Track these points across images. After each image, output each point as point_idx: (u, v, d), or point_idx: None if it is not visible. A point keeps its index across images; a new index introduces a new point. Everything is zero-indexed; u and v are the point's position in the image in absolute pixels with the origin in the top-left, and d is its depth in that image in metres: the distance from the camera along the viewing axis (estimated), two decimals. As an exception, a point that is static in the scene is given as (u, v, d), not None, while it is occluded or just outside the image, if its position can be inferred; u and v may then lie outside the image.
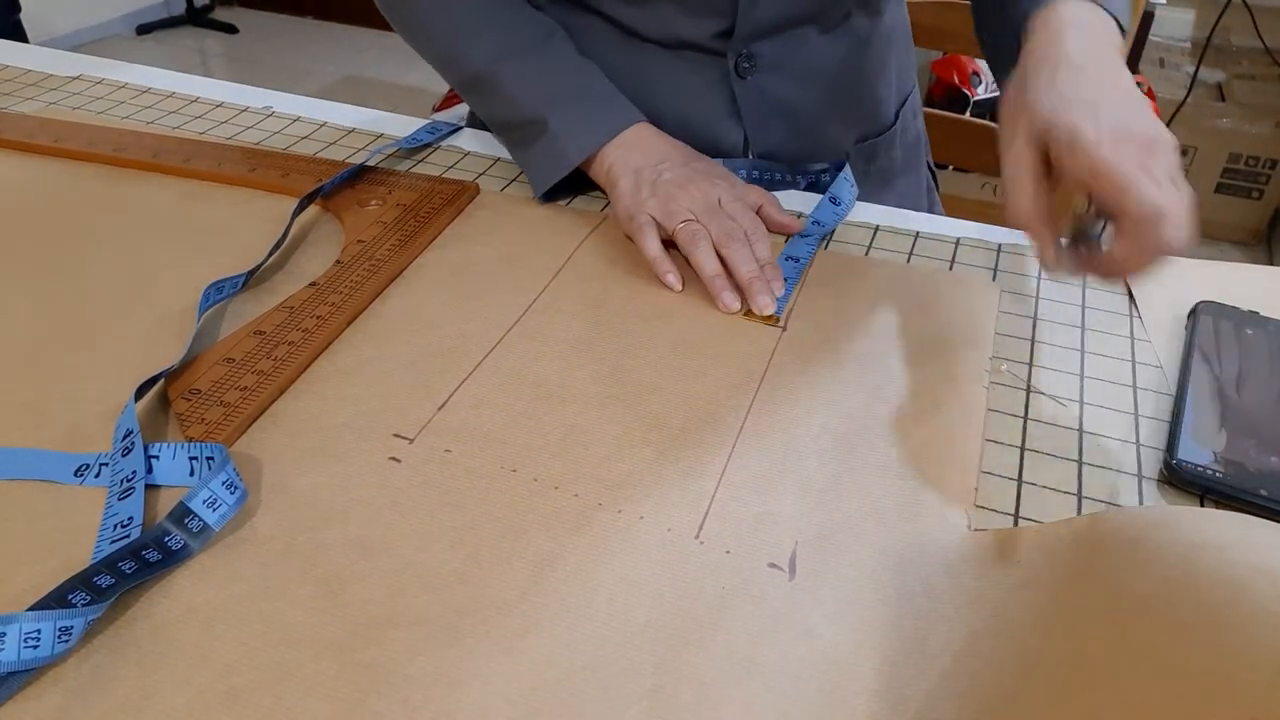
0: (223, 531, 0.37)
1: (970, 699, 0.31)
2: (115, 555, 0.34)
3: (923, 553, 0.37)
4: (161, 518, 0.36)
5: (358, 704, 0.31)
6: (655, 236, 0.54)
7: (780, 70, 0.63)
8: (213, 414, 0.42)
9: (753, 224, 0.55)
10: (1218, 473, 0.40)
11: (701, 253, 0.52)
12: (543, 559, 0.37)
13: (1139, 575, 0.29)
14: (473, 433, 0.42)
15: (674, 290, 0.52)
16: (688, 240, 0.53)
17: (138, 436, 0.40)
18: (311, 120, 0.71)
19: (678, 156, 0.58)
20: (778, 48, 0.62)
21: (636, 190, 0.56)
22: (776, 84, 0.63)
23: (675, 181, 0.55)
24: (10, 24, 2.25)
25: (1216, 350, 0.47)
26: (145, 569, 0.35)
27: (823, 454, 0.42)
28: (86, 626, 0.33)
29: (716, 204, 0.55)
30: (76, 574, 0.33)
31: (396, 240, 0.55)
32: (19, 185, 0.61)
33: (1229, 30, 1.98)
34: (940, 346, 0.48)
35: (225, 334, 0.48)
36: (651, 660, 0.33)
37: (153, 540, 0.35)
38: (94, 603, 0.33)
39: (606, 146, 0.59)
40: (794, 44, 0.62)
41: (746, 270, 0.51)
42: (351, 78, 2.90)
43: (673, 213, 0.54)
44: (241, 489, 0.38)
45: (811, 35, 0.63)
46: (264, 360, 0.46)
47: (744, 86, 0.63)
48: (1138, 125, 0.42)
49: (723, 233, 0.53)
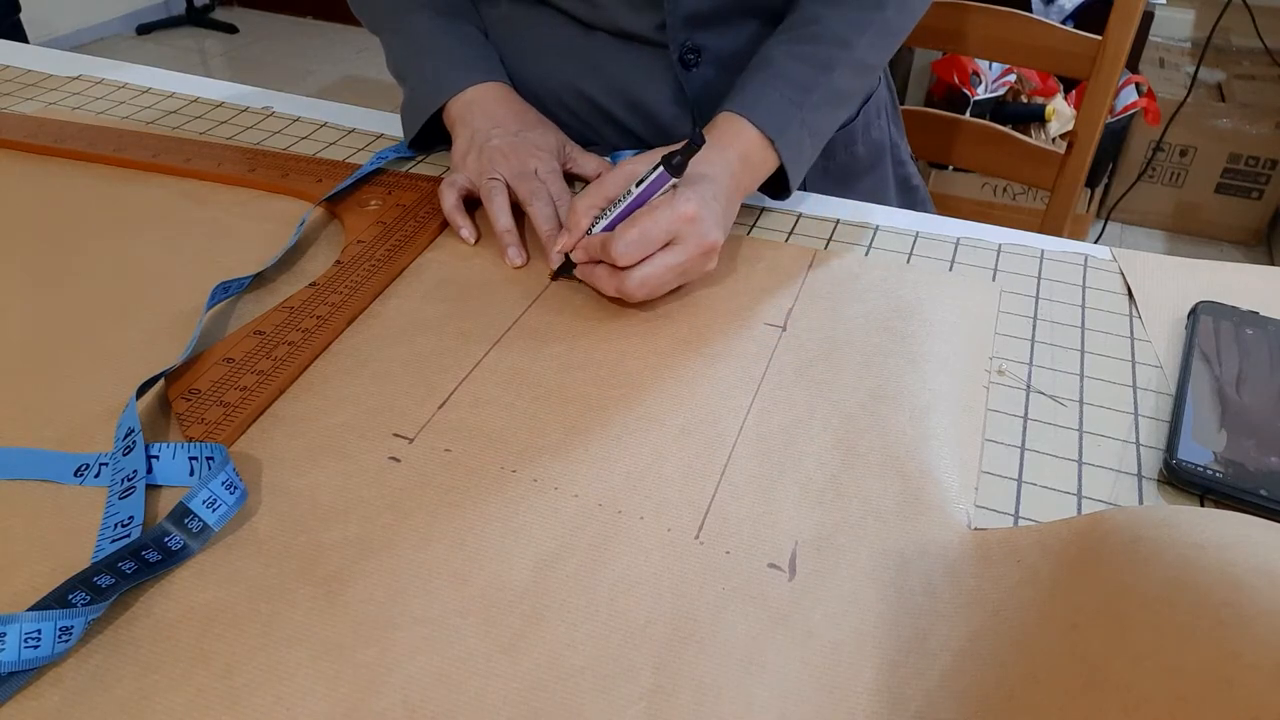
0: (223, 531, 0.37)
1: (970, 699, 0.31)
2: (115, 555, 0.34)
3: (923, 552, 0.37)
4: (161, 518, 0.36)
5: (358, 704, 0.31)
6: (456, 195, 0.58)
7: (724, 63, 0.64)
8: (212, 414, 0.42)
9: (560, 191, 0.57)
10: (1218, 473, 0.40)
11: (496, 207, 0.56)
12: (543, 559, 0.37)
13: (1139, 575, 0.29)
14: (473, 432, 0.42)
15: (467, 243, 0.56)
16: (485, 195, 0.57)
17: (139, 435, 0.40)
18: (311, 120, 0.71)
19: (512, 124, 0.61)
20: (722, 40, 0.63)
21: (466, 150, 0.60)
22: (722, 76, 0.64)
23: (500, 149, 0.58)
24: (10, 24, 2.24)
25: (1216, 350, 0.47)
26: (145, 569, 0.35)
27: (823, 454, 0.42)
28: (86, 626, 0.33)
29: (532, 172, 0.57)
30: (77, 574, 0.33)
31: (397, 240, 0.55)
32: (19, 185, 0.61)
33: (1229, 30, 1.98)
34: (940, 346, 0.48)
35: (225, 334, 0.48)
36: (651, 660, 0.33)
37: (152, 540, 0.35)
38: (94, 603, 0.33)
39: (453, 102, 0.62)
40: (737, 36, 0.64)
41: (546, 228, 0.54)
42: (351, 78, 2.90)
43: (483, 172, 0.58)
44: (241, 489, 0.38)
45: (754, 27, 0.64)
46: (264, 360, 0.46)
47: (690, 78, 0.64)
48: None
49: (527, 191, 0.56)
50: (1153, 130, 1.89)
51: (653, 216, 0.48)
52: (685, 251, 0.48)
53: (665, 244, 0.48)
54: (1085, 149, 0.88)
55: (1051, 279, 0.54)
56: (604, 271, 0.49)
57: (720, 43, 0.63)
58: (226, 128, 0.70)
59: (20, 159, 0.64)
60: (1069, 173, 0.90)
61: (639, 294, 0.48)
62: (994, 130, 0.95)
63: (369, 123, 0.71)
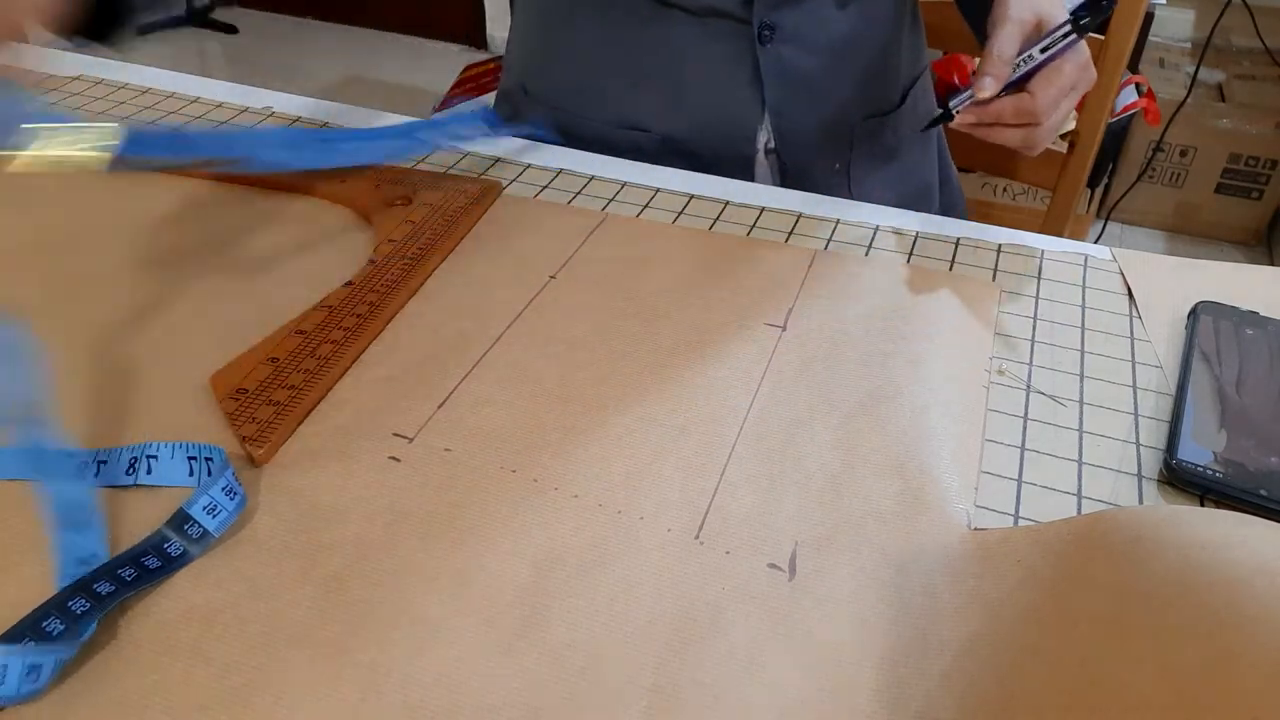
0: (223, 531, 0.37)
1: (970, 699, 0.31)
2: (115, 562, 0.34)
3: (923, 552, 0.37)
4: (161, 524, 0.36)
5: (358, 704, 0.31)
6: None
7: (798, 40, 0.66)
8: (263, 413, 0.42)
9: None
10: (1218, 473, 0.40)
11: None
12: (543, 559, 0.37)
13: (1139, 575, 0.29)
14: (473, 432, 0.42)
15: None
16: None
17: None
18: (311, 120, 0.71)
19: None
20: (796, 17, 0.65)
21: None
22: (794, 54, 0.66)
23: None
24: (10, 24, 2.24)
25: (1216, 350, 0.47)
26: (145, 575, 0.35)
27: (823, 454, 0.42)
28: (57, 665, 0.32)
29: None
30: (75, 581, 0.33)
31: (428, 238, 0.56)
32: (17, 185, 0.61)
33: (1229, 30, 1.98)
34: (940, 346, 0.48)
35: (266, 334, 0.48)
36: (651, 660, 0.33)
37: (152, 547, 0.35)
38: (94, 610, 0.33)
39: None
40: (810, 15, 0.66)
41: None
42: (351, 78, 2.89)
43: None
44: (241, 494, 0.38)
45: (828, 7, 0.66)
46: (308, 359, 0.46)
47: (766, 54, 0.66)
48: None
49: None
50: (1153, 130, 1.89)
51: (1063, 72, 0.51)
52: (1080, 92, 0.53)
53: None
54: (1087, 149, 0.88)
55: (1051, 279, 0.54)
56: (1004, 129, 0.53)
57: (795, 20, 0.65)
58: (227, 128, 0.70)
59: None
60: (1071, 172, 0.90)
61: (1047, 144, 0.53)
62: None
63: (369, 123, 0.71)
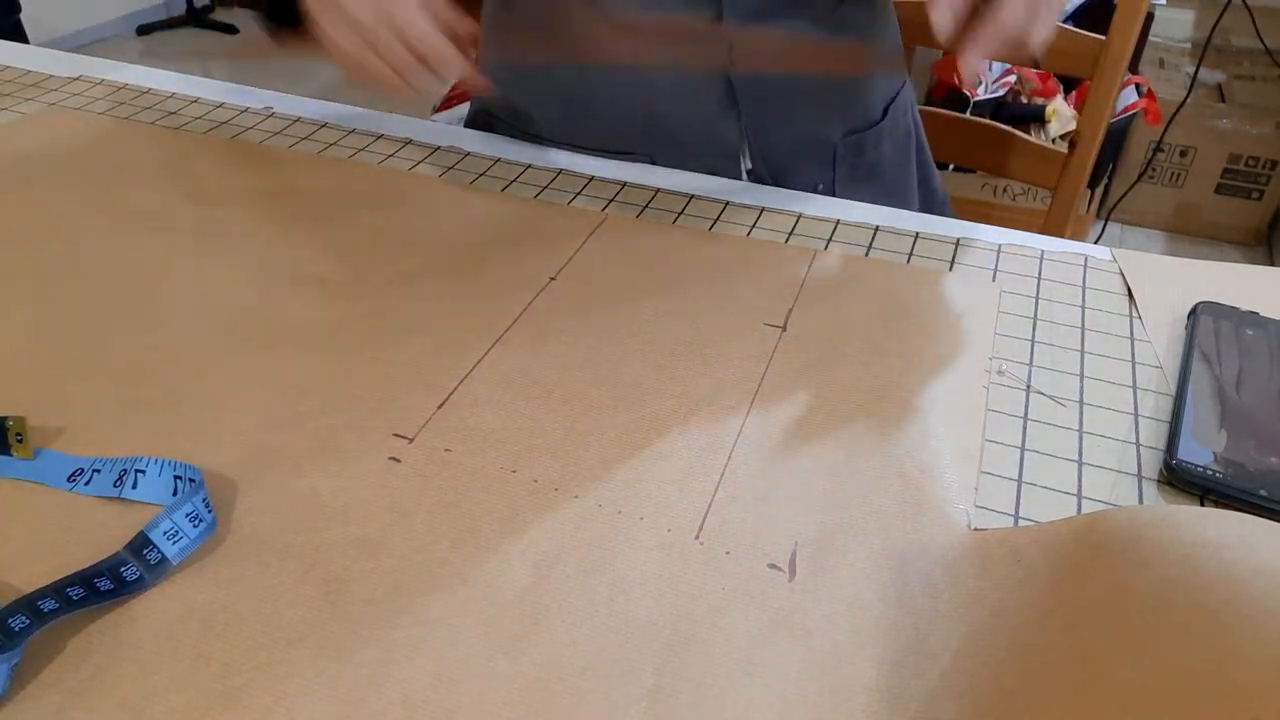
0: (224, 531, 0.37)
1: (970, 699, 0.31)
2: (65, 580, 0.33)
3: (923, 553, 0.37)
4: (120, 547, 0.35)
5: (358, 704, 0.31)
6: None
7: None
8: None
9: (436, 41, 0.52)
10: (1218, 473, 0.40)
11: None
12: (543, 559, 0.37)
13: (1139, 575, 0.29)
14: (473, 432, 0.42)
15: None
16: None
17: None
18: (311, 120, 0.71)
19: None
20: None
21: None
22: (766, 72, 0.65)
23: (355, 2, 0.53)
24: (10, 24, 2.25)
25: (1216, 350, 0.47)
26: (94, 596, 0.33)
27: (823, 454, 0.42)
28: (18, 657, 0.32)
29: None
30: (19, 598, 0.32)
31: None
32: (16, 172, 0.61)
33: (1229, 31, 1.98)
34: (940, 346, 0.48)
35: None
36: (651, 660, 0.33)
37: (108, 569, 0.34)
38: (32, 627, 0.32)
39: None
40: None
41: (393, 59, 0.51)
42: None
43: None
44: (208, 521, 0.37)
45: (801, 25, 0.65)
46: None
47: (739, 75, 0.65)
48: None
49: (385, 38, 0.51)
50: (1153, 131, 1.89)
51: None
52: None
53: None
54: (1088, 149, 0.88)
55: (1051, 279, 0.54)
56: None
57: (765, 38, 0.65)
58: (227, 128, 0.70)
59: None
60: (1072, 172, 0.90)
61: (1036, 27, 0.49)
62: (997, 130, 0.95)
63: (369, 123, 0.71)
